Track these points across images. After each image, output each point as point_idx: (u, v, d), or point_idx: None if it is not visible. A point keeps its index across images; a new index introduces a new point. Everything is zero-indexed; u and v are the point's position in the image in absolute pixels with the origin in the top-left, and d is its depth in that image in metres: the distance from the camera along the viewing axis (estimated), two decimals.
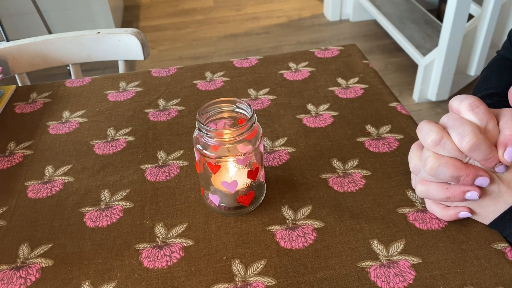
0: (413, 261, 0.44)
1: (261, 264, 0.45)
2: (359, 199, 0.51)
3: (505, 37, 0.73)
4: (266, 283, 0.43)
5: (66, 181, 0.57)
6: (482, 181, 0.43)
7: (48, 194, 0.55)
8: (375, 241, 0.46)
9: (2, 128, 0.67)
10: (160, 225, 0.50)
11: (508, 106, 0.45)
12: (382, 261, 0.45)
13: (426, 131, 0.43)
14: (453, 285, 0.42)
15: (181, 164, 0.58)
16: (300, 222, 0.49)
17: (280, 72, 0.76)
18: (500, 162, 0.42)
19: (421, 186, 0.46)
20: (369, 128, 0.62)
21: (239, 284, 0.43)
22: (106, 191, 0.55)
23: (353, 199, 0.51)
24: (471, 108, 0.42)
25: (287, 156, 0.58)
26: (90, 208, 0.53)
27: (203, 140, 0.47)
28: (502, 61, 0.70)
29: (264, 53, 2.45)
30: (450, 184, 0.44)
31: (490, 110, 0.43)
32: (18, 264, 0.47)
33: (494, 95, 0.62)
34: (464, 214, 0.46)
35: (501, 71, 0.68)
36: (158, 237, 0.49)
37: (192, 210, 0.51)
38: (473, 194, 0.43)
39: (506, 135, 0.41)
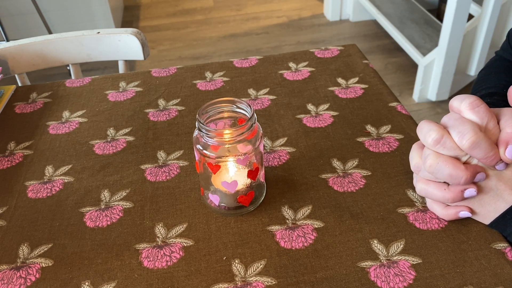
0: (413, 261, 0.44)
1: (261, 264, 0.45)
2: (359, 199, 0.51)
3: (505, 37, 0.73)
4: (266, 283, 0.43)
5: (66, 181, 0.57)
6: (480, 176, 0.43)
7: (48, 194, 0.55)
8: (375, 241, 0.46)
9: (2, 128, 0.67)
10: (160, 225, 0.50)
11: (507, 105, 0.45)
12: (382, 261, 0.45)
13: (426, 130, 0.43)
14: (453, 285, 0.42)
15: (181, 164, 0.58)
16: (300, 222, 0.49)
17: (280, 72, 0.76)
18: (501, 160, 0.42)
19: (421, 184, 0.46)
20: (369, 128, 0.62)
21: (239, 284, 0.43)
22: (106, 191, 0.55)
23: (353, 199, 0.51)
24: (471, 107, 0.43)
25: (287, 156, 0.58)
26: (90, 208, 0.53)
27: (203, 140, 0.47)
28: (501, 62, 0.70)
29: (264, 53, 2.45)
30: (448, 184, 0.45)
31: (491, 110, 0.43)
32: (18, 264, 0.47)
33: (493, 94, 0.62)
34: (464, 213, 0.46)
35: (499, 72, 0.68)
36: (158, 237, 0.49)
37: (192, 210, 0.51)
38: (471, 191, 0.44)
39: (508, 133, 0.42)
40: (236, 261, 0.46)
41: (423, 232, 0.47)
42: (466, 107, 0.43)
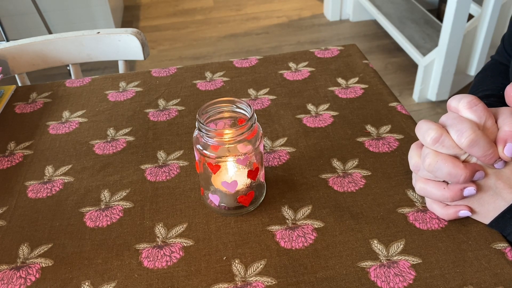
0: (413, 261, 0.44)
1: (261, 264, 0.45)
2: (359, 199, 0.51)
3: None
4: (266, 283, 0.43)
5: (66, 181, 0.57)
6: (479, 175, 0.43)
7: (48, 194, 0.55)
8: (375, 241, 0.46)
9: (2, 128, 0.67)
10: (160, 225, 0.50)
11: (504, 106, 0.45)
12: (382, 261, 0.45)
13: (425, 130, 0.43)
14: (453, 285, 0.42)
15: (181, 164, 0.58)
16: (300, 222, 0.49)
17: (280, 72, 0.76)
18: (500, 158, 0.42)
19: (420, 183, 0.47)
20: (369, 128, 0.62)
21: (239, 284, 0.43)
22: (106, 191, 0.55)
23: (353, 199, 0.51)
24: (469, 106, 0.43)
25: (287, 156, 0.58)
26: (90, 208, 0.53)
27: (203, 140, 0.47)
28: (496, 66, 0.71)
29: (264, 53, 2.45)
30: (448, 183, 0.45)
31: (488, 109, 0.43)
32: (18, 264, 0.47)
33: (490, 96, 0.62)
34: (464, 213, 0.46)
35: (495, 75, 0.68)
36: (158, 237, 0.49)
37: (192, 210, 0.51)
38: (470, 189, 0.44)
39: (506, 131, 0.42)
40: (236, 261, 0.46)
41: (423, 232, 0.47)
42: (464, 106, 0.43)
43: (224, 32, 2.70)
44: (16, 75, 0.95)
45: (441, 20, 2.11)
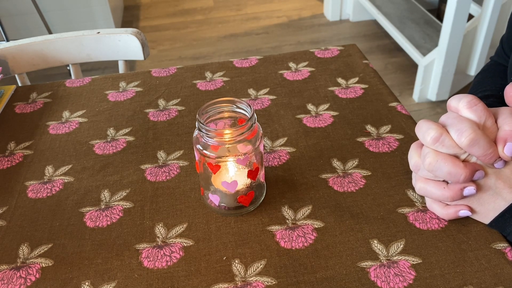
0: (413, 261, 0.44)
1: (261, 264, 0.45)
2: (359, 199, 0.51)
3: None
4: (266, 283, 0.43)
5: (66, 181, 0.57)
6: (479, 174, 0.43)
7: (48, 194, 0.55)
8: (375, 241, 0.46)
9: (2, 128, 0.67)
10: (160, 225, 0.50)
11: (503, 106, 0.45)
12: (382, 261, 0.45)
13: (425, 129, 0.43)
14: (453, 285, 0.42)
15: (181, 164, 0.58)
16: (300, 222, 0.49)
17: (280, 72, 0.76)
18: (500, 157, 0.42)
19: (420, 183, 0.47)
20: (369, 128, 0.62)
21: (239, 284, 0.43)
22: (106, 191, 0.55)
23: (353, 199, 0.51)
24: (469, 106, 0.43)
25: (287, 156, 0.58)
26: (90, 208, 0.53)
27: (203, 140, 0.47)
28: (496, 66, 0.71)
29: (264, 53, 2.45)
30: (448, 183, 0.45)
31: (488, 108, 0.43)
32: (18, 264, 0.47)
33: (489, 96, 0.62)
34: (464, 212, 0.46)
35: (495, 75, 0.69)
36: (158, 237, 0.49)
37: (192, 210, 0.51)
38: (470, 189, 0.44)
39: (506, 130, 0.42)
40: (236, 261, 0.46)
41: (423, 232, 0.47)
42: (464, 106, 0.43)
43: (224, 32, 2.70)
44: (16, 75, 0.95)
45: (441, 20, 2.11)
